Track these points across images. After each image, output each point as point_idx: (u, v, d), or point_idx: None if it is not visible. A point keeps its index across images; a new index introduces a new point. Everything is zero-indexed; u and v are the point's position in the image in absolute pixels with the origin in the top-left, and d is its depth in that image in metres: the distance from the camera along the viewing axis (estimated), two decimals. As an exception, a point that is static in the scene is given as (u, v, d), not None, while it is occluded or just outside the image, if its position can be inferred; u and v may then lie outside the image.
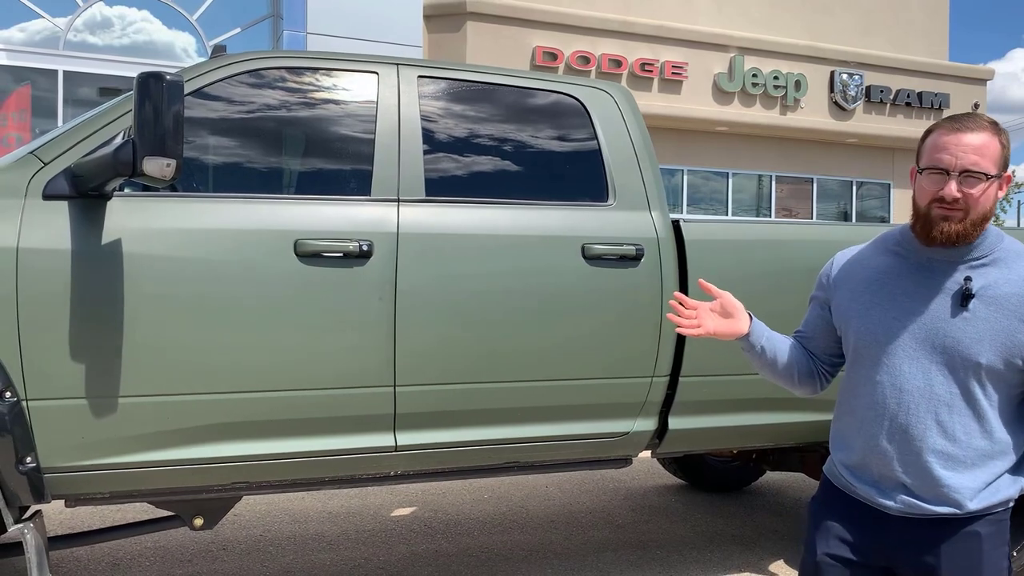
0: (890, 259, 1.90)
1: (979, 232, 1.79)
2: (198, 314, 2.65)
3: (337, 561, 4.02)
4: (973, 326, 1.76)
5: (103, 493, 2.72)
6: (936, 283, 1.81)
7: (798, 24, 16.72)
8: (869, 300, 1.88)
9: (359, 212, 2.90)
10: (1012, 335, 1.75)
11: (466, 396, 2.99)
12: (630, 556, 4.14)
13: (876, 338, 1.85)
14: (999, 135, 1.78)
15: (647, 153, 3.41)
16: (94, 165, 2.50)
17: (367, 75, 3.08)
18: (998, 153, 1.77)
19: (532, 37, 14.31)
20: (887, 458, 1.83)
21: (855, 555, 1.89)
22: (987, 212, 1.78)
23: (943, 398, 1.78)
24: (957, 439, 1.77)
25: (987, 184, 1.75)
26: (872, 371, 1.86)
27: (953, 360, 1.77)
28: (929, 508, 1.79)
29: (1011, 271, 1.79)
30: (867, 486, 1.87)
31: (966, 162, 1.74)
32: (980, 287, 1.78)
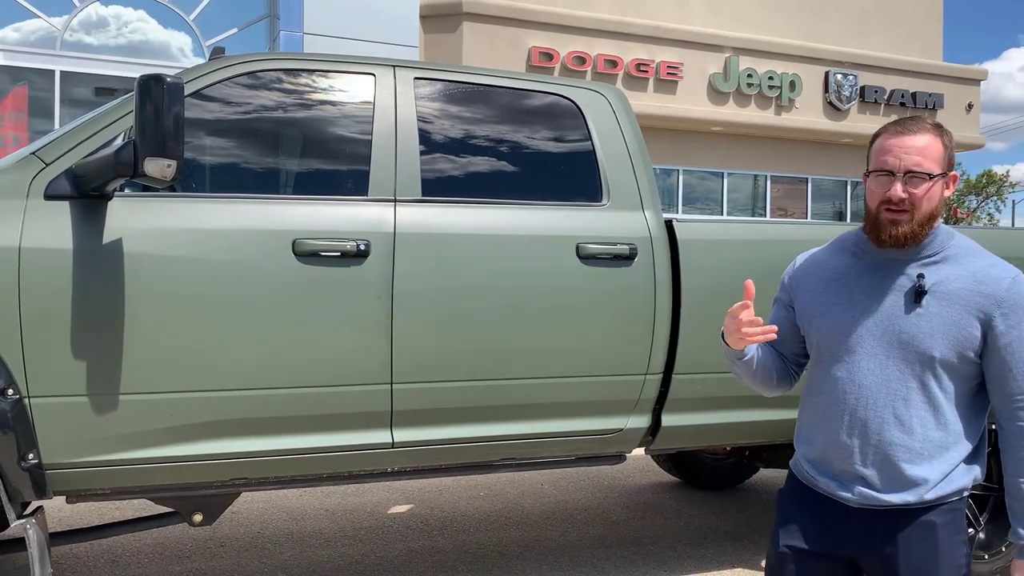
0: (848, 260, 1.96)
1: (927, 231, 1.85)
2: (198, 312, 2.69)
3: (334, 557, 4.06)
4: (927, 321, 1.82)
5: (104, 489, 2.76)
6: (891, 282, 1.88)
7: (793, 25, 16.78)
8: (829, 300, 1.94)
9: (356, 212, 2.94)
10: (963, 328, 1.80)
11: (462, 393, 3.03)
12: (624, 552, 4.18)
13: (836, 336, 1.90)
14: (941, 136, 1.86)
15: (640, 153, 3.45)
16: (95, 166, 2.54)
17: (364, 77, 3.12)
18: (941, 153, 1.83)
19: (528, 37, 14.35)
20: (847, 451, 1.88)
21: (817, 547, 1.94)
22: (934, 211, 1.84)
23: (899, 392, 1.84)
24: (914, 431, 1.83)
25: (931, 184, 1.82)
26: (832, 368, 1.92)
27: (908, 355, 1.83)
28: (886, 499, 1.84)
29: (962, 267, 1.85)
30: (828, 479, 1.92)
31: (909, 163, 1.81)
32: (932, 283, 1.84)
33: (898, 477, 1.84)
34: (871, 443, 1.86)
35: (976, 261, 1.86)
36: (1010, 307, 1.80)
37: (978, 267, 1.84)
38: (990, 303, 1.80)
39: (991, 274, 1.83)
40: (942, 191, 1.86)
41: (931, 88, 17.63)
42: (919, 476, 1.83)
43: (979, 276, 1.83)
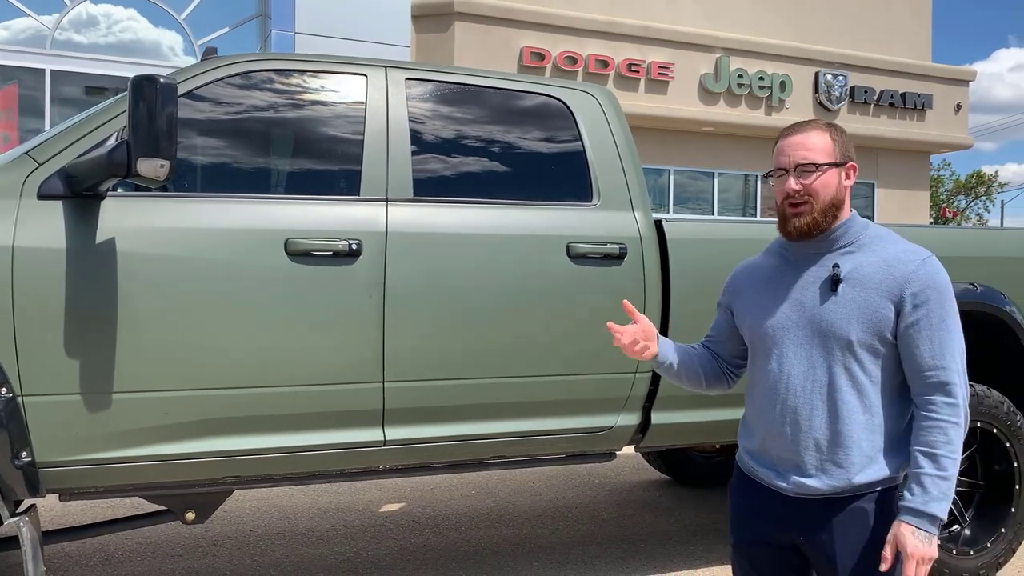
0: (777, 260, 2.09)
1: (832, 220, 1.97)
2: (191, 312, 2.71)
3: (327, 556, 4.08)
4: (842, 307, 1.91)
5: (97, 487, 2.77)
6: (812, 274, 1.99)
7: (783, 25, 16.85)
8: (761, 298, 2.06)
9: (348, 212, 2.96)
10: (877, 310, 1.89)
11: (453, 392, 3.06)
12: (615, 550, 4.22)
13: (767, 331, 2.01)
14: (829, 131, 2.00)
15: (630, 154, 3.48)
16: (88, 166, 2.56)
17: (356, 77, 3.14)
18: (829, 146, 1.97)
19: (520, 37, 14.37)
20: (781, 441, 1.96)
21: (763, 536, 2.03)
22: (833, 199, 1.96)
23: (824, 379, 1.92)
24: (840, 417, 1.90)
25: (821, 173, 1.95)
26: (765, 362, 2.02)
27: (829, 341, 1.92)
28: (817, 486, 1.91)
29: (874, 253, 1.94)
30: (766, 469, 2.01)
31: (797, 158, 1.96)
32: (848, 271, 1.94)
33: (827, 463, 1.91)
34: (801, 431, 1.93)
35: (889, 247, 1.95)
36: (919, 287, 1.88)
37: (890, 252, 1.93)
38: (900, 284, 1.88)
39: (901, 257, 1.91)
40: (839, 180, 1.97)
41: (920, 89, 17.73)
42: (847, 462, 1.90)
43: (890, 260, 1.92)
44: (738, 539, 2.09)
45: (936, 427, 1.84)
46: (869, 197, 18.45)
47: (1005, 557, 3.75)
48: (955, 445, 1.84)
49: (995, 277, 3.84)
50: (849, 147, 2.01)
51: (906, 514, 1.82)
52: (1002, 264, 3.90)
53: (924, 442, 1.85)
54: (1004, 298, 3.81)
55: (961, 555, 3.63)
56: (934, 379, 1.87)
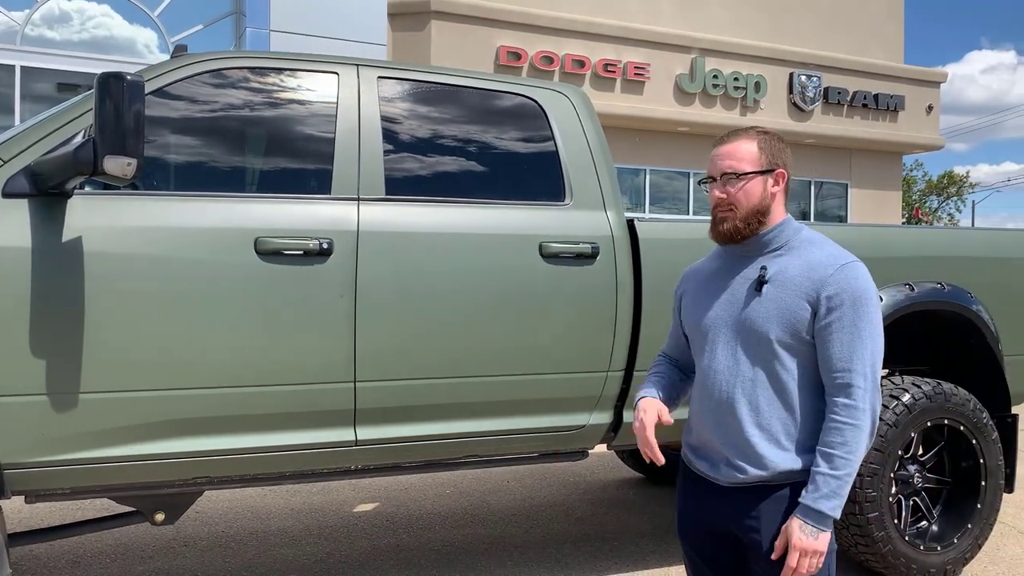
0: (717, 262, 2.18)
1: (756, 226, 2.04)
2: (159, 311, 2.68)
3: (299, 556, 4.06)
4: (764, 307, 1.99)
5: (64, 489, 2.74)
6: (744, 275, 2.07)
7: (758, 26, 16.97)
8: (699, 297, 2.15)
9: (319, 210, 2.95)
10: (795, 311, 1.96)
11: (425, 391, 3.06)
12: (588, 548, 4.23)
13: (701, 330, 2.11)
14: (756, 139, 2.06)
15: (603, 154, 3.49)
16: (54, 163, 2.53)
17: (327, 75, 3.13)
18: (753, 154, 2.04)
19: (496, 37, 14.37)
20: (712, 433, 2.05)
21: (703, 527, 2.12)
22: (756, 206, 2.04)
23: (747, 375, 2.01)
24: (762, 411, 1.99)
25: (745, 182, 2.03)
26: (700, 359, 2.12)
27: (750, 339, 2.00)
28: (743, 477, 2.00)
29: (800, 257, 2.02)
30: (703, 461, 2.10)
31: (722, 167, 2.05)
32: (773, 273, 2.02)
33: (751, 454, 1.99)
34: (727, 423, 2.02)
35: (815, 251, 2.01)
36: (833, 290, 1.94)
37: (815, 256, 2.00)
38: (817, 286, 1.95)
39: (823, 261, 1.98)
40: (764, 187, 2.04)
41: (892, 90, 17.93)
42: (768, 453, 1.97)
43: (812, 263, 1.99)
44: (683, 531, 2.18)
45: (835, 428, 1.92)
46: (843, 197, 18.63)
47: (972, 552, 3.80)
48: (851, 446, 1.91)
49: (962, 276, 3.90)
50: (780, 154, 2.07)
51: (798, 510, 1.92)
52: (969, 263, 3.96)
53: (823, 442, 1.93)
54: (971, 297, 3.87)
55: (928, 551, 3.67)
56: (839, 380, 1.94)
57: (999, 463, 3.85)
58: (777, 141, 2.09)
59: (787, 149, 2.10)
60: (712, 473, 2.06)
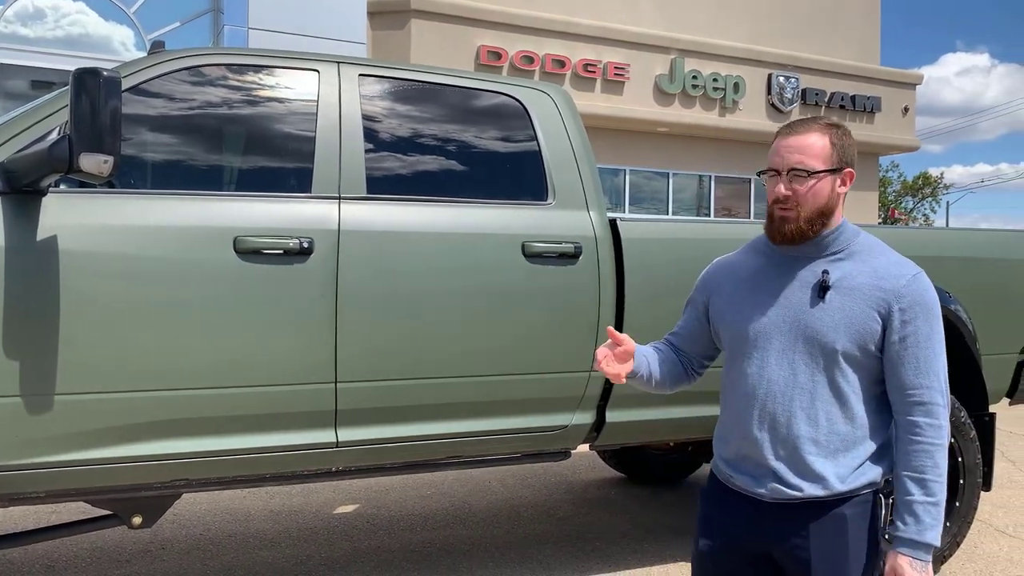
0: (761, 260, 2.02)
1: (820, 227, 1.91)
2: (136, 311, 2.64)
3: (279, 559, 4.02)
4: (830, 315, 1.86)
5: (39, 492, 2.69)
6: (799, 278, 1.93)
7: (737, 27, 17.06)
8: (742, 299, 1.99)
9: (299, 209, 2.92)
10: (864, 322, 1.85)
11: (407, 392, 3.03)
12: (570, 548, 4.22)
13: (747, 334, 1.95)
14: (829, 134, 1.90)
15: (585, 153, 3.49)
16: (28, 161, 2.48)
17: (307, 73, 3.10)
18: (827, 151, 1.89)
19: (477, 36, 14.34)
20: (758, 446, 1.92)
21: (734, 544, 1.98)
22: (822, 207, 1.89)
23: (806, 386, 1.88)
24: (820, 425, 1.87)
25: (815, 181, 1.88)
26: (745, 365, 1.96)
27: (813, 348, 1.87)
28: (795, 493, 1.88)
29: (865, 263, 1.90)
30: (743, 476, 1.96)
31: (791, 161, 1.88)
32: (836, 279, 1.89)
33: (806, 470, 1.87)
34: (780, 437, 1.89)
35: (879, 258, 1.91)
36: (908, 302, 1.84)
37: (880, 263, 1.89)
38: (889, 297, 1.85)
39: (892, 271, 1.88)
40: (832, 187, 1.90)
41: (869, 91, 18.07)
42: (825, 469, 1.86)
43: (880, 272, 1.88)
44: (706, 546, 2.02)
45: (922, 451, 1.82)
46: (820, 198, 18.71)
47: (950, 550, 3.83)
48: (942, 469, 1.82)
49: (940, 276, 3.92)
50: (849, 151, 1.93)
51: (901, 545, 1.80)
52: (946, 263, 3.98)
53: (912, 467, 1.82)
54: (949, 297, 3.90)
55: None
56: (916, 398, 1.84)
57: (977, 461, 3.88)
58: (848, 136, 1.94)
59: (855, 145, 1.96)
60: (755, 488, 1.93)
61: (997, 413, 4.10)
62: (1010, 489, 5.40)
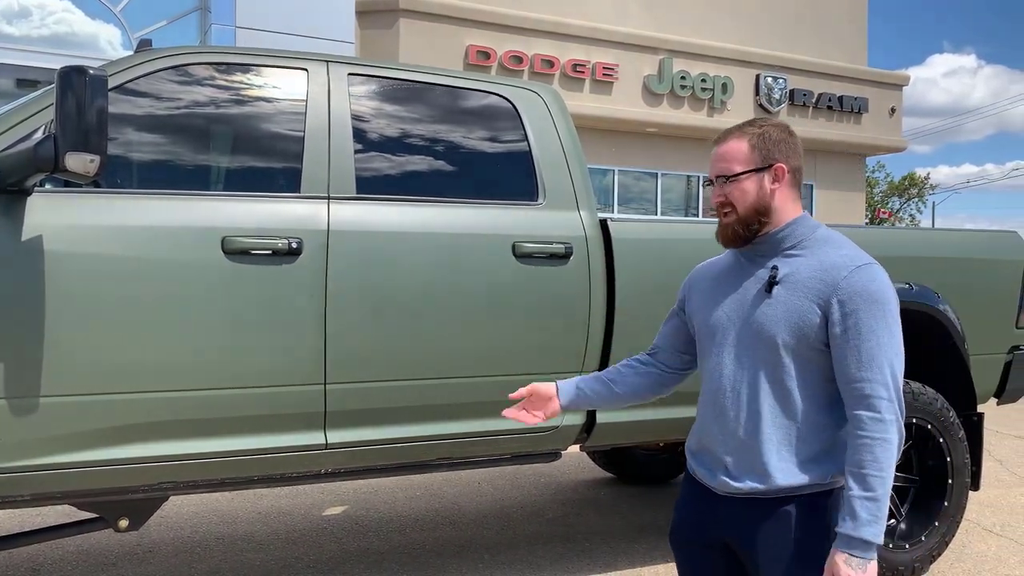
0: (731, 260, 2.07)
1: (758, 227, 1.93)
2: (123, 312, 2.61)
3: (267, 561, 3.99)
4: (773, 309, 1.87)
5: (23, 496, 2.65)
6: (755, 276, 1.96)
7: (725, 28, 17.10)
8: (709, 297, 2.04)
9: (288, 209, 2.90)
10: (804, 314, 1.84)
11: (396, 393, 3.01)
12: (560, 549, 4.21)
13: (710, 330, 2.00)
14: (747, 136, 1.95)
15: (576, 153, 3.48)
16: (14, 160, 2.45)
17: (296, 72, 3.08)
18: (743, 152, 1.94)
19: (465, 36, 14.32)
20: (712, 440, 1.96)
21: (697, 533, 2.02)
22: (754, 206, 1.92)
23: (751, 381, 1.90)
24: (764, 419, 1.87)
25: (739, 182, 1.93)
26: (706, 361, 2.01)
27: (757, 343, 1.89)
28: (738, 486, 1.89)
29: (815, 257, 1.89)
30: (702, 468, 2.00)
31: (716, 169, 1.97)
32: (785, 274, 1.90)
33: (749, 465, 1.89)
34: (728, 430, 1.92)
35: (830, 251, 1.89)
36: (847, 294, 1.81)
37: (829, 257, 1.87)
38: (829, 290, 1.83)
39: (836, 263, 1.85)
40: (760, 185, 1.93)
41: (857, 92, 18.15)
42: (767, 464, 1.86)
43: (825, 264, 1.86)
44: (676, 537, 2.08)
45: (862, 445, 1.77)
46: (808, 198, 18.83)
47: (939, 550, 3.84)
48: (882, 463, 1.75)
49: (929, 276, 3.93)
50: (776, 148, 1.94)
51: (839, 542, 1.75)
52: (935, 264, 4.00)
53: (852, 461, 1.78)
54: (937, 297, 3.91)
55: (896, 549, 3.70)
56: (858, 392, 1.80)
57: (966, 461, 3.89)
58: (776, 133, 1.95)
59: (788, 140, 1.95)
60: (709, 480, 1.96)
61: (985, 413, 4.12)
62: (997, 488, 5.43)
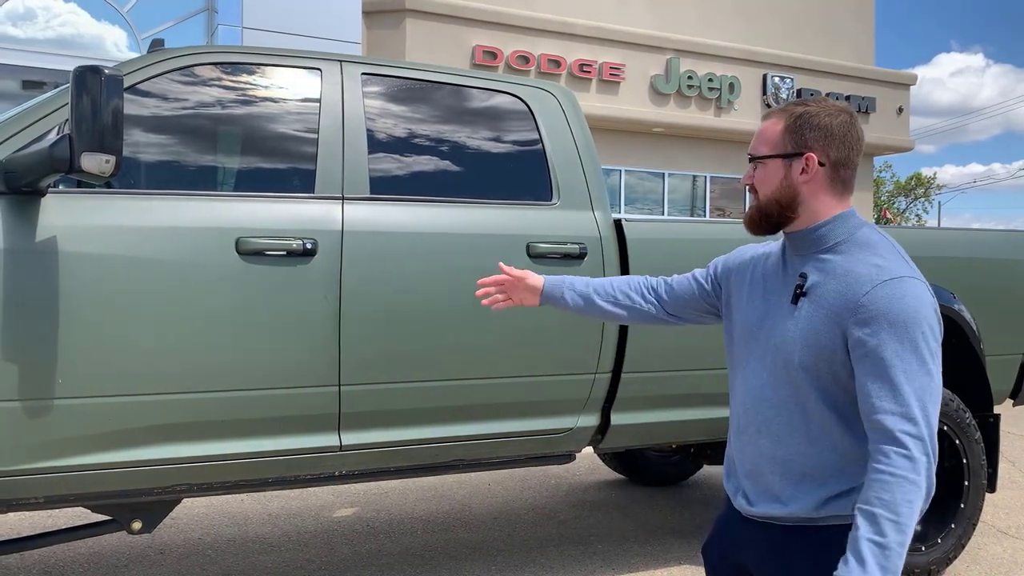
0: (779, 255, 1.82)
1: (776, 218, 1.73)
2: (137, 313, 2.60)
3: (279, 563, 3.97)
4: (796, 325, 1.67)
5: (38, 498, 2.64)
6: (788, 279, 1.75)
7: (732, 28, 17.06)
8: (754, 296, 1.82)
9: (302, 210, 2.88)
10: (821, 335, 1.62)
11: (412, 395, 2.99)
12: (572, 551, 4.19)
13: (745, 336, 1.80)
14: (785, 117, 1.72)
15: (590, 153, 3.46)
16: (28, 161, 2.44)
17: (310, 72, 3.06)
18: (776, 135, 1.72)
19: (472, 36, 14.31)
20: (735, 458, 1.81)
21: (724, 553, 1.86)
22: (775, 196, 1.72)
23: (771, 399, 1.70)
24: (781, 442, 1.69)
25: (767, 165, 1.73)
26: (735, 368, 1.83)
27: (778, 359, 1.69)
28: (753, 510, 1.74)
29: (845, 264, 1.65)
30: (729, 485, 1.84)
31: (750, 148, 1.78)
32: (813, 283, 1.68)
33: (765, 488, 1.72)
34: (748, 450, 1.75)
35: (862, 260, 1.64)
36: (869, 314, 1.56)
37: (858, 267, 1.63)
38: (848, 308, 1.60)
39: (862, 275, 1.61)
40: (785, 174, 1.71)
41: (864, 92, 18.11)
42: (783, 491, 1.68)
43: (852, 277, 1.62)
44: (705, 552, 1.92)
45: (879, 480, 1.50)
46: (815, 198, 18.73)
47: (955, 552, 3.81)
48: (900, 506, 1.47)
49: (944, 276, 3.91)
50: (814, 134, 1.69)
51: None
52: (951, 264, 3.97)
53: (864, 498, 1.51)
54: (953, 297, 3.88)
55: (912, 551, 3.67)
56: (879, 424, 1.53)
57: (982, 463, 3.86)
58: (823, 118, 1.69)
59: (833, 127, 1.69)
60: (733, 500, 1.80)
61: (1001, 415, 4.09)
62: (1012, 490, 5.39)
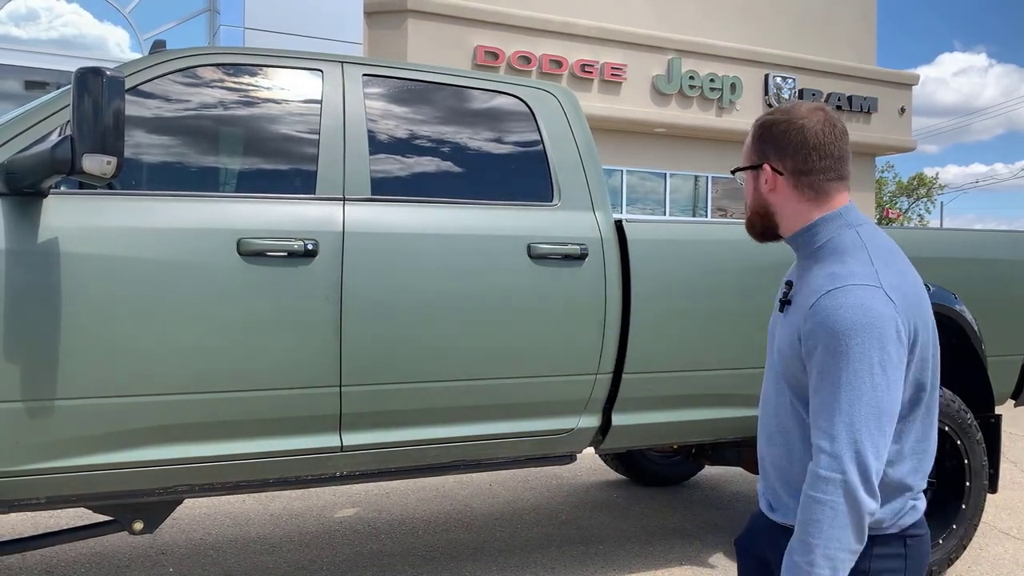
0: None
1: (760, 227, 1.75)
2: (138, 314, 2.60)
3: (280, 564, 3.98)
4: (782, 333, 1.66)
5: (39, 499, 2.65)
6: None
7: (733, 28, 17.06)
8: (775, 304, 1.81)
9: (304, 211, 2.88)
10: (792, 345, 1.60)
11: (413, 395, 3.00)
12: (573, 551, 4.19)
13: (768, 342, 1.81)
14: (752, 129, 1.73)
15: (591, 154, 3.45)
16: (30, 162, 2.44)
17: (312, 73, 3.06)
18: (747, 147, 1.74)
19: (473, 36, 14.32)
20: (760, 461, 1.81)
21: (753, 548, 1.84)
22: (753, 205, 1.74)
23: (772, 407, 1.72)
24: (775, 446, 1.70)
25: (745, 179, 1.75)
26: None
27: (775, 368, 1.70)
28: (769, 515, 1.75)
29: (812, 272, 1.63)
30: (759, 486, 1.83)
31: None
32: (795, 292, 1.67)
33: (775, 493, 1.73)
34: (763, 455, 1.77)
35: (824, 268, 1.61)
36: (810, 326, 1.54)
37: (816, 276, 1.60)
38: (801, 318, 1.58)
39: (814, 286, 1.58)
40: (755, 184, 1.73)
41: (866, 92, 18.10)
42: (785, 498, 1.68)
43: (809, 287, 1.60)
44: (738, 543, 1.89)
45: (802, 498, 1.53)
46: (817, 198, 18.72)
47: (957, 553, 3.81)
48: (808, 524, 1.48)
49: (946, 277, 3.90)
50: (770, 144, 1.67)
51: None
52: (952, 264, 3.96)
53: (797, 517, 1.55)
54: (954, 298, 3.88)
55: (915, 552, 3.67)
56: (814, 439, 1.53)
57: (983, 463, 3.86)
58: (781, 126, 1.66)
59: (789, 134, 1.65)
60: (759, 498, 1.82)
61: (1003, 415, 4.08)
62: (1013, 491, 5.39)
